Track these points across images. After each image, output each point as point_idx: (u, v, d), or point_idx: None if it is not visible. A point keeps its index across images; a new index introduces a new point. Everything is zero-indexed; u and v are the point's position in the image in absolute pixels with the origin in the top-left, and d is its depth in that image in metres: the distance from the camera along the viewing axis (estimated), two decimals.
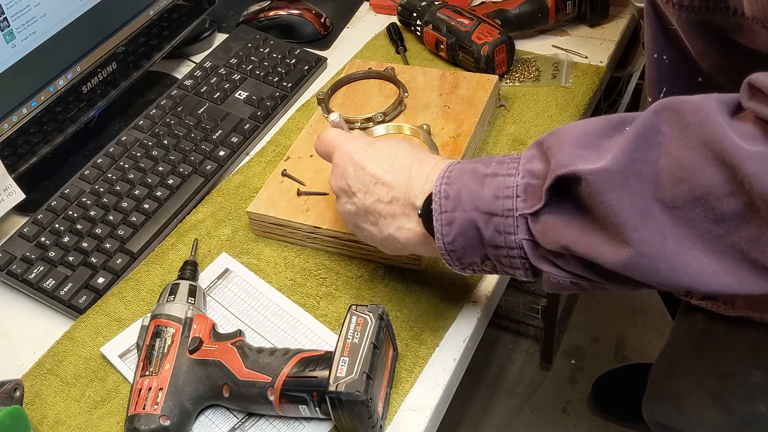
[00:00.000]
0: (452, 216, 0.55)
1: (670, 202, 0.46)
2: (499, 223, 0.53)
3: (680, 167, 0.45)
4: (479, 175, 0.55)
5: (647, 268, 0.47)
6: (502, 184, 0.53)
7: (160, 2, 0.99)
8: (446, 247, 0.57)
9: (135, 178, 0.86)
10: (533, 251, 0.53)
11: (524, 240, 0.53)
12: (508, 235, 0.53)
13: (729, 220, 0.45)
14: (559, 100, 0.91)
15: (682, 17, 0.56)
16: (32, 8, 0.80)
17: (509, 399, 1.66)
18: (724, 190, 0.44)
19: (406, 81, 0.90)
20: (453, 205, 0.55)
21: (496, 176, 0.54)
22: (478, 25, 0.93)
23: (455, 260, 0.58)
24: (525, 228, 0.53)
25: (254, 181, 0.87)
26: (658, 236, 0.46)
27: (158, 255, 0.80)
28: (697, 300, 0.76)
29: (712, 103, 0.46)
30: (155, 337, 0.66)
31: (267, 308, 0.73)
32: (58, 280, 0.77)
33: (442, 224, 0.56)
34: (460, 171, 0.57)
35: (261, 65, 1.00)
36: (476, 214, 0.54)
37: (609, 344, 1.73)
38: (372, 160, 0.63)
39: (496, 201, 0.53)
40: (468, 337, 0.70)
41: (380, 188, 0.62)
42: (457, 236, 0.56)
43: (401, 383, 0.66)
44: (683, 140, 0.45)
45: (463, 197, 0.55)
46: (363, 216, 0.63)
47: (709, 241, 0.46)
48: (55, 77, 0.86)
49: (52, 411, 0.68)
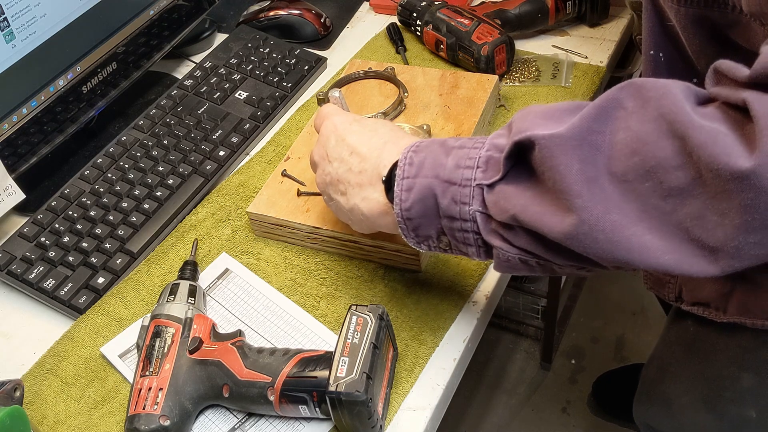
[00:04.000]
0: (413, 182, 0.55)
1: (622, 175, 0.46)
2: (456, 192, 0.53)
3: (635, 139, 0.45)
4: (447, 147, 0.55)
5: (586, 236, 0.47)
6: (466, 155, 0.54)
7: (160, 2, 0.99)
8: (403, 214, 0.56)
9: (135, 178, 0.86)
10: (485, 224, 0.53)
11: (477, 212, 0.53)
12: (463, 205, 0.53)
13: (676, 195, 0.45)
14: (559, 100, 0.91)
15: (680, 12, 0.56)
16: (32, 8, 0.80)
17: (509, 399, 1.66)
18: (674, 162, 0.44)
19: (406, 81, 0.90)
20: (415, 172, 0.55)
21: (462, 148, 0.54)
22: (478, 25, 0.93)
23: (410, 230, 0.57)
24: (480, 199, 0.53)
25: (254, 181, 0.87)
26: (602, 206, 0.46)
27: (158, 255, 0.80)
28: (688, 306, 0.76)
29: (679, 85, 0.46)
30: (155, 337, 0.66)
31: (267, 308, 0.73)
32: (58, 280, 0.77)
33: (402, 189, 0.56)
34: (430, 142, 0.57)
35: (261, 65, 1.00)
36: (435, 182, 0.54)
37: (609, 344, 1.73)
38: (353, 132, 0.64)
39: (456, 170, 0.53)
40: (468, 337, 0.70)
41: (354, 158, 0.62)
42: (414, 203, 0.55)
43: (401, 383, 0.66)
44: (642, 114, 0.46)
45: (427, 164, 0.55)
46: (335, 185, 0.64)
47: (656, 217, 0.46)
48: (55, 77, 0.86)
49: (52, 411, 0.68)
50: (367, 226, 0.64)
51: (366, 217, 0.62)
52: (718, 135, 0.42)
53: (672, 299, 0.77)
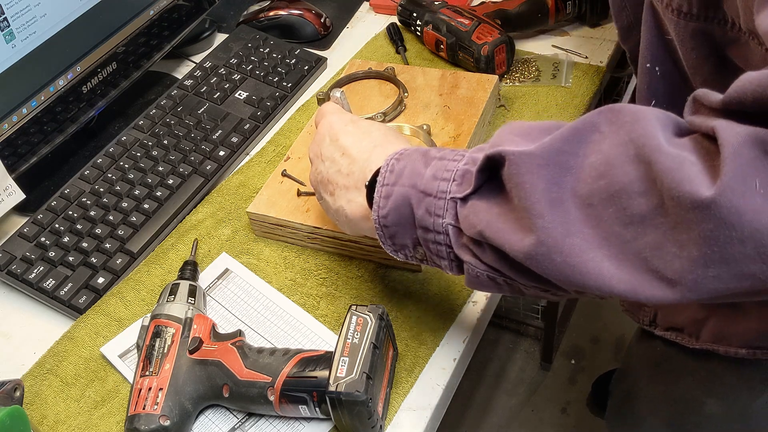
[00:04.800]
0: (391, 189, 0.55)
1: (587, 198, 0.45)
2: (431, 204, 0.53)
3: (603, 162, 0.45)
4: (429, 157, 0.55)
5: (544, 258, 0.46)
6: (444, 167, 0.54)
7: (160, 2, 0.99)
8: (380, 221, 0.56)
9: (135, 178, 0.86)
10: (456, 238, 0.53)
11: (450, 225, 0.53)
12: (437, 217, 0.53)
13: (637, 223, 0.44)
14: (559, 100, 0.91)
15: (680, 25, 0.56)
16: (32, 8, 0.80)
17: (509, 399, 1.66)
18: (638, 188, 0.44)
19: (406, 81, 0.90)
20: (394, 179, 0.55)
21: (442, 159, 0.54)
22: (478, 25, 0.93)
23: (387, 238, 0.57)
24: (453, 213, 0.52)
25: (254, 181, 0.87)
26: (563, 228, 0.46)
27: (158, 255, 0.80)
28: (662, 330, 0.75)
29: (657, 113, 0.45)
30: (155, 337, 0.66)
31: (267, 308, 0.73)
32: (58, 280, 0.77)
33: (380, 196, 0.56)
34: (413, 151, 0.57)
35: (261, 65, 1.00)
36: (412, 191, 0.54)
37: (609, 344, 1.73)
38: (348, 133, 0.64)
39: (433, 181, 0.53)
40: (468, 337, 0.70)
41: (344, 159, 0.62)
42: (391, 210, 0.55)
43: (401, 383, 0.66)
44: (614, 137, 0.45)
45: (406, 173, 0.55)
46: (325, 184, 0.64)
47: (615, 245, 0.45)
48: (55, 77, 0.86)
49: (52, 411, 0.68)
50: (351, 228, 0.64)
51: (349, 219, 0.62)
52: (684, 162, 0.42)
53: (646, 323, 0.76)
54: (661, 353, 0.79)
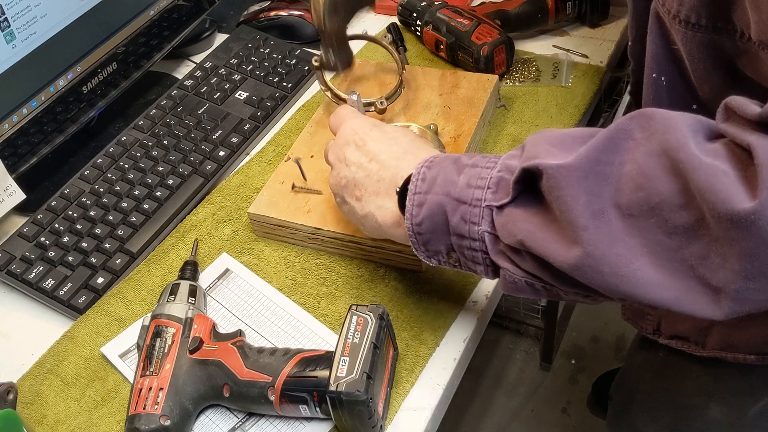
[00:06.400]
0: (424, 198, 0.56)
1: (627, 208, 0.46)
2: (466, 212, 0.53)
3: (640, 173, 0.45)
4: (460, 164, 0.55)
5: (592, 269, 0.47)
6: (477, 174, 0.54)
7: (160, 2, 0.99)
8: (413, 228, 0.57)
9: (135, 178, 0.86)
10: (493, 245, 0.53)
11: (486, 232, 0.53)
12: (473, 225, 0.53)
13: (681, 233, 0.44)
14: (559, 100, 0.91)
15: (687, 35, 0.55)
16: (32, 8, 0.80)
17: (509, 399, 1.66)
18: (677, 201, 0.44)
19: (406, 81, 0.90)
20: (427, 188, 0.56)
21: (475, 167, 0.54)
22: (477, 25, 0.93)
23: (421, 245, 0.58)
24: (489, 220, 0.53)
25: (254, 181, 0.87)
26: (608, 239, 0.46)
27: (158, 255, 0.80)
28: (666, 339, 0.75)
29: (688, 119, 0.45)
30: (156, 337, 0.66)
31: (267, 308, 0.73)
32: (57, 280, 0.77)
33: (413, 204, 0.56)
34: (444, 158, 0.57)
35: (261, 65, 1.00)
36: (446, 199, 0.54)
37: (609, 344, 1.73)
38: (374, 138, 0.64)
39: (467, 189, 0.54)
40: (468, 337, 0.70)
41: (373, 165, 0.62)
42: (425, 218, 0.56)
43: (401, 383, 0.66)
44: (647, 146, 0.45)
45: (439, 181, 0.55)
46: (351, 189, 0.64)
47: (660, 253, 0.45)
48: (56, 77, 0.86)
49: (52, 411, 0.68)
50: (379, 233, 0.64)
51: (379, 225, 0.62)
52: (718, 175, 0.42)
53: (650, 332, 0.76)
54: (663, 359, 0.79)
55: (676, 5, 0.55)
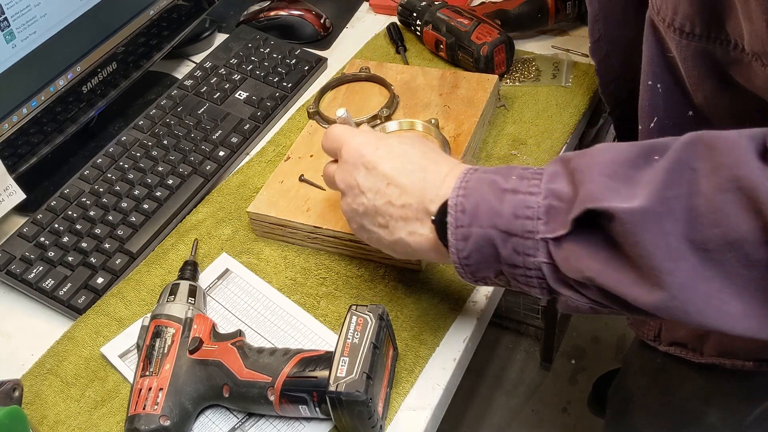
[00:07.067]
0: (468, 231, 0.53)
1: (701, 243, 0.45)
2: (518, 244, 0.51)
3: (713, 210, 0.44)
4: (498, 190, 0.52)
5: (677, 310, 0.46)
6: (522, 202, 0.51)
7: (160, 2, 0.99)
8: (461, 262, 0.55)
9: (135, 178, 0.86)
10: (553, 275, 0.51)
11: (544, 263, 0.51)
12: (527, 256, 0.51)
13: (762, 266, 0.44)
14: (559, 100, 0.91)
15: (682, 44, 0.56)
16: (32, 8, 0.80)
17: (509, 399, 1.66)
18: (758, 238, 0.43)
19: (405, 81, 0.90)
20: (469, 220, 0.53)
21: (516, 193, 0.52)
22: (477, 25, 0.93)
23: (468, 273, 0.56)
24: (545, 251, 0.50)
25: (254, 181, 0.87)
26: (691, 279, 0.45)
27: (158, 255, 0.80)
28: (665, 346, 0.75)
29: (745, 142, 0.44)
30: (155, 337, 0.66)
31: (267, 308, 0.73)
32: (57, 280, 0.77)
33: (457, 239, 0.54)
34: (477, 181, 0.54)
35: (261, 65, 1.00)
36: (494, 232, 0.52)
37: (609, 344, 1.73)
38: (384, 158, 0.60)
39: (515, 220, 0.51)
40: (468, 337, 0.70)
41: (393, 190, 0.59)
42: (472, 252, 0.54)
43: (401, 383, 0.66)
44: (715, 180, 0.44)
45: (481, 212, 0.53)
46: (371, 217, 0.61)
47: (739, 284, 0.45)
48: (55, 77, 0.86)
49: (52, 411, 0.68)
50: (413, 256, 0.62)
51: (414, 250, 0.60)
52: None
53: (651, 338, 0.76)
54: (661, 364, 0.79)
55: (671, 14, 0.55)
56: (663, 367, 0.79)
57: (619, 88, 0.76)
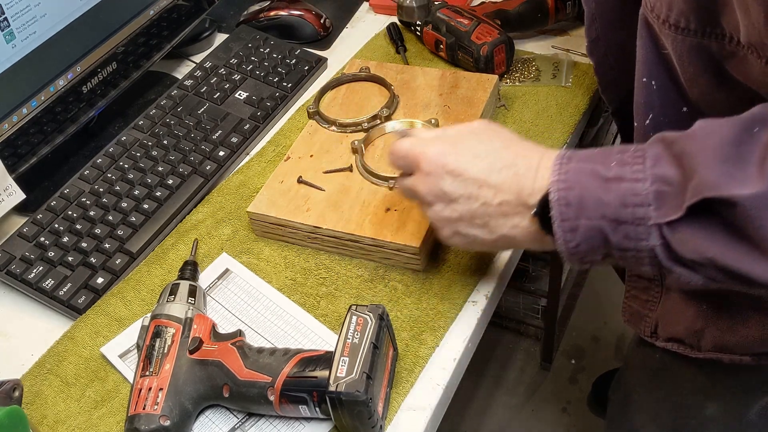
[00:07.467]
0: (575, 224, 0.53)
1: None
2: (629, 231, 0.51)
3: None
4: (600, 179, 0.52)
5: None
6: (629, 190, 0.51)
7: (160, 2, 0.99)
8: (569, 251, 0.55)
9: (135, 178, 0.86)
10: (666, 255, 0.52)
11: (657, 246, 0.51)
12: (639, 241, 0.52)
13: None
14: (559, 100, 0.91)
15: (677, 40, 0.56)
16: (32, 8, 0.80)
17: (509, 399, 1.66)
18: None
19: (406, 81, 0.90)
20: (575, 213, 0.53)
21: (621, 181, 0.52)
22: (477, 25, 0.93)
23: (576, 260, 0.56)
24: (658, 234, 0.51)
25: (254, 181, 0.87)
26: None
27: (158, 255, 0.80)
28: (662, 342, 0.75)
29: None
30: (155, 337, 0.66)
31: (267, 308, 0.73)
32: (57, 280, 0.77)
33: (564, 231, 0.54)
34: (576, 173, 0.54)
35: (261, 65, 1.00)
36: (603, 222, 0.52)
37: (609, 344, 1.73)
38: (468, 163, 0.60)
39: (624, 209, 0.51)
40: (468, 337, 0.70)
41: (486, 191, 0.59)
42: (581, 242, 0.54)
43: (401, 383, 0.66)
44: None
45: (587, 204, 0.53)
46: (468, 221, 0.61)
47: None
48: (55, 77, 0.86)
49: (52, 411, 0.68)
50: (516, 247, 0.63)
51: (519, 242, 0.60)
52: None
53: (647, 334, 0.76)
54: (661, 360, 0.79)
55: (665, 10, 0.55)
56: (662, 364, 0.79)
57: (619, 87, 0.76)
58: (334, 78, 0.93)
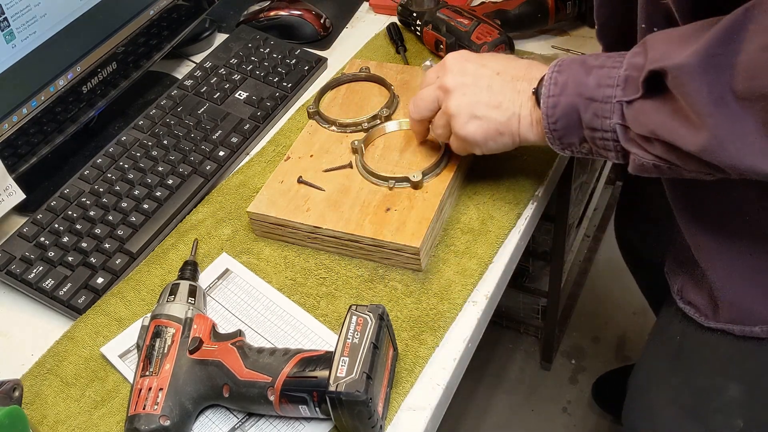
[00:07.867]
0: (557, 100, 0.63)
1: (742, 93, 0.51)
2: (598, 108, 0.60)
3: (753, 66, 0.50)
4: (588, 66, 0.62)
5: (718, 149, 0.53)
6: (606, 74, 0.60)
7: (160, 2, 0.99)
8: (549, 127, 0.65)
9: (135, 178, 0.86)
10: (624, 134, 0.60)
11: (617, 124, 0.60)
12: (605, 119, 0.60)
13: None
14: None
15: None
16: (32, 8, 0.80)
17: (509, 399, 1.66)
18: None
19: (406, 81, 0.90)
20: (560, 90, 0.63)
21: (602, 67, 0.60)
22: (477, 25, 0.93)
23: (556, 139, 0.65)
24: (620, 113, 0.59)
25: (254, 181, 0.87)
26: (729, 121, 0.52)
27: (158, 255, 0.80)
28: (683, 303, 0.76)
29: None
30: (155, 337, 0.66)
31: (267, 308, 0.73)
32: (57, 280, 0.77)
33: (547, 106, 0.64)
34: (571, 62, 0.64)
35: (261, 65, 1.00)
36: (578, 99, 0.61)
37: (609, 344, 1.73)
38: (489, 59, 0.72)
39: (598, 89, 0.60)
40: (468, 337, 0.70)
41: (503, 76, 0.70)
42: (560, 117, 0.63)
43: (401, 383, 0.66)
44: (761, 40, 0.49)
45: (570, 84, 0.62)
46: (486, 99, 0.69)
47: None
48: (55, 77, 0.86)
49: (52, 411, 0.68)
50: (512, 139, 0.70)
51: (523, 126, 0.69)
52: None
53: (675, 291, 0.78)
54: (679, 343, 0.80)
55: None
56: (680, 349, 0.80)
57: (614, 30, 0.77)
58: (334, 78, 0.93)
